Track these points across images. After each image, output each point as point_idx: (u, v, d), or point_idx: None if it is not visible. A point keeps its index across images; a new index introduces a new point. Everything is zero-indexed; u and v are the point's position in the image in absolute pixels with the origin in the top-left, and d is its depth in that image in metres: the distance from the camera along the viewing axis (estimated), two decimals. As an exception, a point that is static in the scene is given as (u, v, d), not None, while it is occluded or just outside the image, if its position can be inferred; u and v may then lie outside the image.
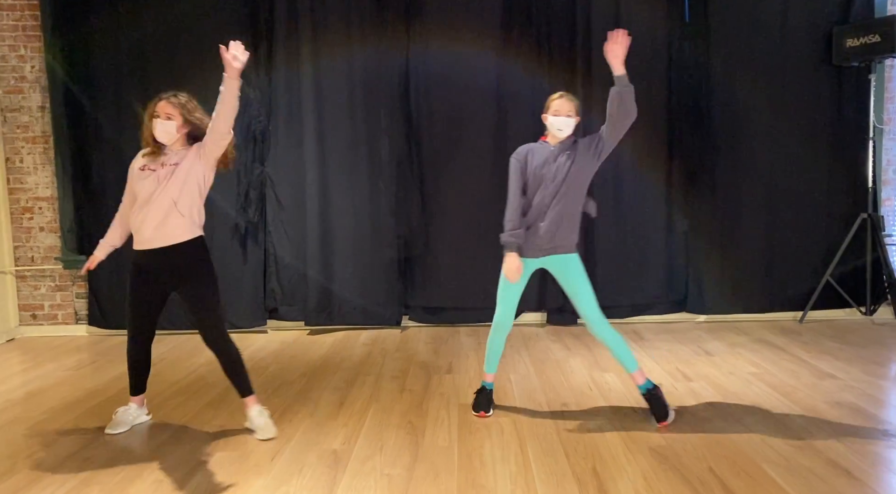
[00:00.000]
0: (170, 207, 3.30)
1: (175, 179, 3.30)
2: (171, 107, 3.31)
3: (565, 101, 3.45)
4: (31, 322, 5.86)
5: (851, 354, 4.63)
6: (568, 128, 3.44)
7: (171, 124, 3.31)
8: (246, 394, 3.49)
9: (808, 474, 2.84)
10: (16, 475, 3.03)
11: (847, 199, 5.59)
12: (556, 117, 3.43)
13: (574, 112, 3.45)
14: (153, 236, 3.33)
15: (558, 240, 3.48)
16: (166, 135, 3.32)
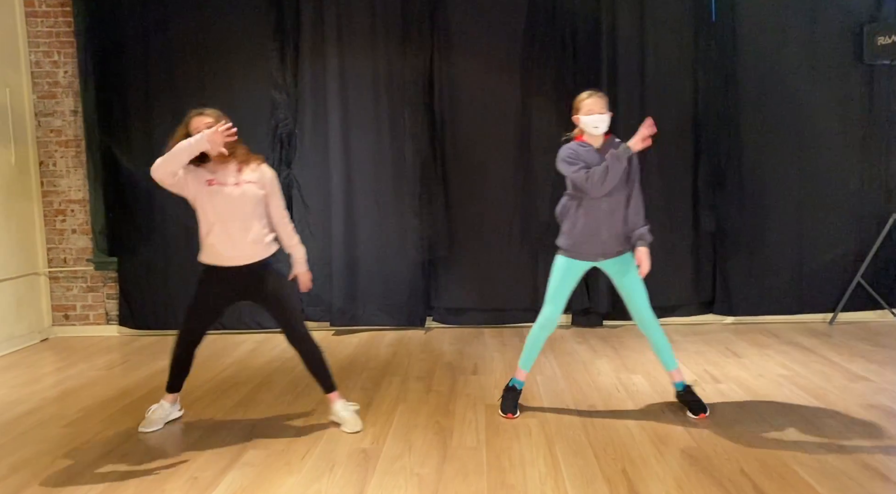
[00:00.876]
0: (251, 225, 3.38)
1: (254, 197, 3.38)
2: (210, 118, 3.34)
3: (597, 98, 3.44)
4: (64, 323, 5.97)
5: (884, 356, 4.57)
6: (604, 124, 3.44)
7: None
8: (329, 390, 3.56)
9: (841, 476, 2.81)
10: (55, 470, 3.09)
11: (878, 198, 5.52)
12: (590, 116, 3.42)
13: (606, 108, 3.44)
14: (243, 256, 3.39)
15: (619, 243, 3.50)
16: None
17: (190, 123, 3.35)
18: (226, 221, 3.36)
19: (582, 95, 3.50)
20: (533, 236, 5.65)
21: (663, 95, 5.56)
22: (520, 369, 3.72)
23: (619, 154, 3.38)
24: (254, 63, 5.65)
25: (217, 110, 3.44)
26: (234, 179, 3.39)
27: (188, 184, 3.35)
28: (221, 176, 3.38)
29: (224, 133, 3.23)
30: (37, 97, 5.84)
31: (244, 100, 5.68)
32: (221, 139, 3.23)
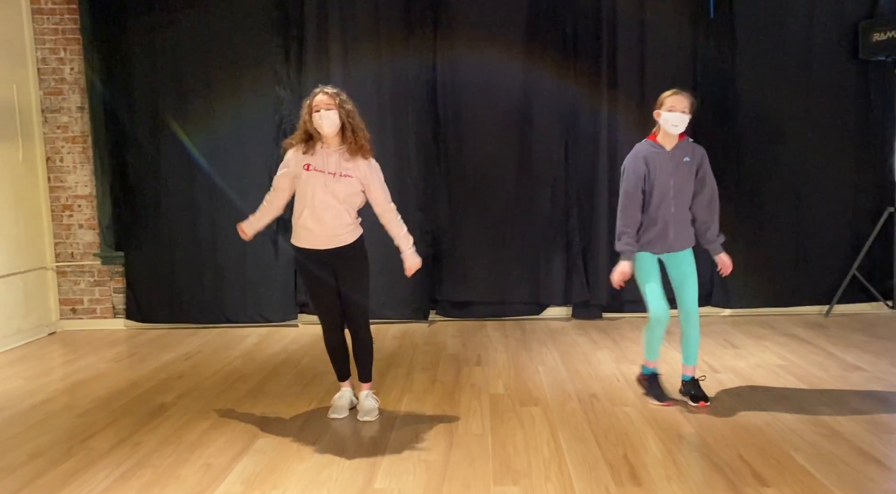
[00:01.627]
0: (345, 214, 3.49)
1: (351, 189, 3.47)
2: (329, 98, 3.39)
3: (681, 97, 3.44)
4: (71, 316, 6.04)
5: (879, 347, 4.67)
6: (683, 124, 3.46)
7: (333, 113, 3.37)
8: (365, 380, 3.69)
9: (837, 462, 2.90)
10: (72, 458, 3.18)
11: (873, 193, 5.61)
12: (671, 113, 3.43)
13: (689, 109, 3.45)
14: (328, 240, 3.49)
15: (683, 240, 3.62)
16: (332, 125, 3.39)
17: (312, 100, 3.41)
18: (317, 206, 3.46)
19: (666, 92, 3.49)
20: (534, 229, 5.73)
21: (662, 90, 5.60)
22: (647, 360, 3.83)
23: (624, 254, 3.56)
24: (258, 60, 5.71)
25: (335, 88, 3.47)
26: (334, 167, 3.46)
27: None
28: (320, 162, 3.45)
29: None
30: (43, 93, 5.90)
31: (249, 96, 5.75)
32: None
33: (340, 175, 3.45)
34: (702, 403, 3.61)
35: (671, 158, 3.51)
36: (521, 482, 2.81)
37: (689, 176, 3.55)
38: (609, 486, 2.75)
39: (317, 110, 3.37)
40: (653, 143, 3.56)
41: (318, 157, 3.45)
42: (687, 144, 3.57)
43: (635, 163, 3.54)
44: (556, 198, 5.71)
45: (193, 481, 2.90)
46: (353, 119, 3.43)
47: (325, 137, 3.43)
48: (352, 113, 3.43)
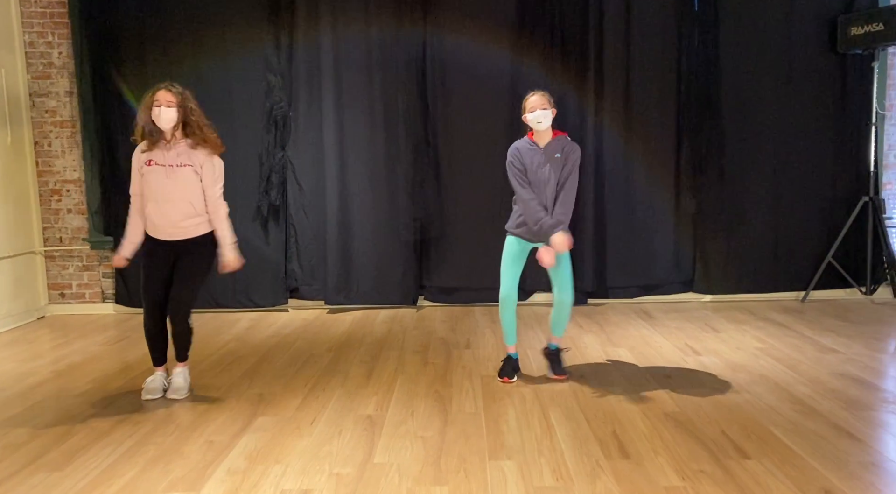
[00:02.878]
0: (187, 205, 3.58)
1: (188, 179, 3.58)
2: (171, 95, 3.52)
3: (539, 96, 3.71)
4: (60, 301, 6.06)
5: (853, 331, 4.85)
6: (546, 119, 3.69)
7: (172, 111, 3.51)
8: (180, 360, 3.82)
9: (814, 436, 3.06)
10: (74, 436, 3.24)
11: (849, 182, 5.80)
12: (532, 113, 3.69)
13: (549, 104, 3.70)
14: (172, 232, 3.61)
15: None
16: (168, 122, 3.53)
17: (155, 94, 3.52)
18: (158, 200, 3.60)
19: (528, 95, 3.75)
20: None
21: (648, 81, 5.76)
22: (507, 345, 4.02)
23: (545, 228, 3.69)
24: (249, 46, 5.74)
25: (181, 88, 3.59)
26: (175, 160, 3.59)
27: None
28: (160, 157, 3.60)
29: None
30: (31, 78, 5.88)
31: (239, 82, 5.78)
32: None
33: (179, 166, 3.57)
34: (562, 376, 3.90)
35: (543, 154, 3.74)
36: (514, 457, 2.93)
37: (559, 171, 3.74)
38: (599, 460, 2.88)
39: (157, 105, 3.50)
40: (529, 140, 3.80)
41: (158, 151, 3.59)
42: (560, 141, 3.75)
43: (511, 156, 3.79)
44: (543, 186, 5.81)
45: (197, 456, 2.98)
46: (194, 115, 3.57)
47: (164, 132, 3.56)
48: (193, 110, 3.57)
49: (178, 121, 3.56)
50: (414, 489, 2.66)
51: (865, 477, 2.66)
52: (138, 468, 2.89)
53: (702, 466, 2.79)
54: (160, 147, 3.60)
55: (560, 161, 3.72)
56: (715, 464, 2.80)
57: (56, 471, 2.87)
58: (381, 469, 2.83)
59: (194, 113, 3.59)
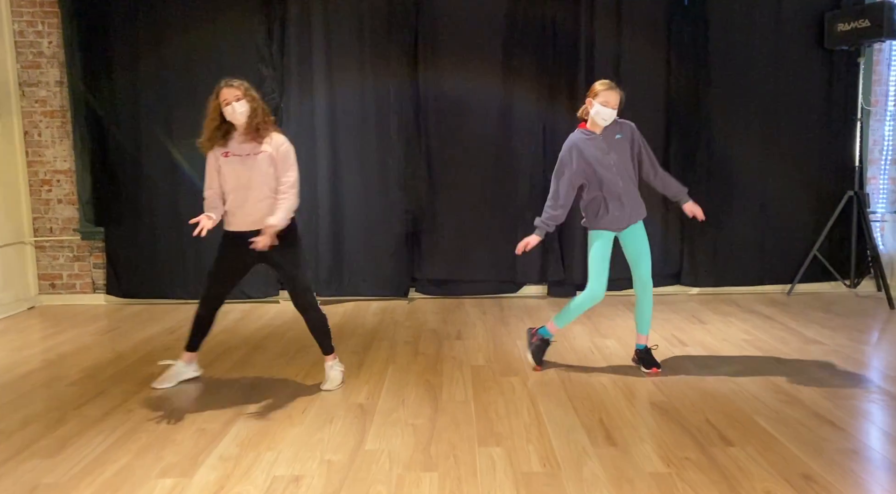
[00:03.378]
0: (265, 190, 3.58)
1: (264, 165, 3.57)
2: (235, 89, 3.52)
3: (615, 93, 3.63)
4: (50, 291, 6.05)
5: (836, 323, 4.93)
6: (611, 120, 3.68)
7: (243, 103, 3.51)
8: (326, 353, 3.80)
9: (796, 424, 3.12)
10: (67, 424, 3.26)
11: (835, 177, 5.87)
12: (605, 108, 3.63)
13: (619, 106, 3.66)
14: (252, 221, 3.58)
15: (637, 213, 3.86)
16: (243, 115, 3.51)
17: (220, 94, 3.52)
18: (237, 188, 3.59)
19: (603, 83, 3.66)
20: (512, 210, 5.88)
21: (638, 77, 5.80)
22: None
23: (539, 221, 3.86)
24: (240, 37, 5.74)
25: (244, 81, 3.58)
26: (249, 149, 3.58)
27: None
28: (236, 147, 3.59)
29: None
30: (21, 67, 5.86)
31: (230, 73, 5.60)
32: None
33: (255, 154, 3.57)
34: (654, 369, 3.87)
35: (604, 140, 3.73)
36: (503, 443, 2.98)
37: (626, 151, 3.77)
38: (586, 446, 2.93)
39: (227, 104, 3.50)
40: (584, 130, 3.78)
41: (233, 143, 3.58)
42: (614, 123, 3.75)
43: (567, 155, 3.78)
44: (534, 180, 5.86)
45: (189, 444, 3.02)
46: (259, 104, 3.57)
47: (239, 126, 3.56)
48: (257, 100, 3.59)
49: (250, 111, 3.53)
50: (404, 474, 2.71)
51: (845, 464, 2.72)
52: (131, 454, 2.92)
53: (686, 453, 2.85)
54: (235, 140, 3.58)
55: (622, 142, 3.72)
56: (699, 451, 2.86)
57: (48, 458, 2.89)
58: (372, 456, 2.87)
59: (257, 101, 3.58)
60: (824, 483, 2.57)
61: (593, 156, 3.73)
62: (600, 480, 2.63)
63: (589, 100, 3.69)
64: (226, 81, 3.56)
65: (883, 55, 5.87)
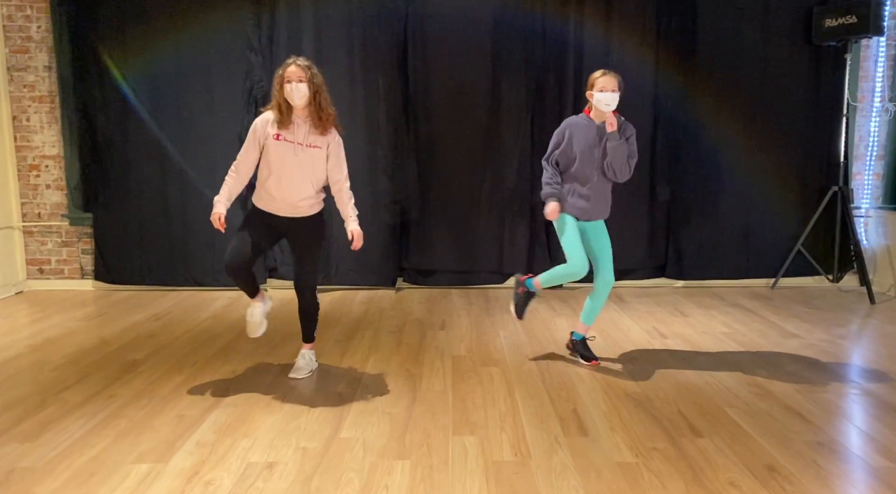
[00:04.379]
0: (308, 186, 3.57)
1: (316, 161, 3.56)
2: (301, 70, 3.45)
3: (610, 77, 3.65)
4: (38, 276, 6.08)
5: (816, 317, 4.98)
6: (614, 103, 3.67)
7: (304, 86, 3.44)
8: (306, 341, 3.85)
9: (765, 416, 3.17)
10: (47, 408, 3.30)
11: (820, 172, 5.91)
12: (603, 94, 3.64)
13: (618, 87, 3.66)
14: (287, 209, 3.58)
15: (601, 210, 3.87)
16: (301, 98, 3.45)
17: (286, 71, 3.46)
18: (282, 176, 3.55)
19: (596, 73, 3.69)
20: (500, 201, 5.91)
21: (626, 70, 5.77)
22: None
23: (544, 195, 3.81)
24: (229, 25, 5.74)
25: (313, 65, 3.52)
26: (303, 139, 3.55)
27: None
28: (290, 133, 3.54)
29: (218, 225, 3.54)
30: (9, 51, 5.85)
31: (219, 61, 5.78)
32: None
33: (308, 146, 3.55)
34: (594, 362, 3.92)
35: (598, 133, 3.75)
36: (477, 432, 3.02)
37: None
38: (558, 436, 2.98)
39: (288, 82, 3.45)
40: (585, 116, 3.81)
41: (289, 127, 3.53)
42: (617, 120, 3.76)
43: (559, 131, 3.83)
44: (522, 170, 5.89)
45: (167, 430, 3.06)
46: (321, 93, 3.51)
47: (296, 108, 3.52)
48: (321, 87, 3.51)
49: (309, 97, 3.47)
50: (377, 462, 2.75)
51: (809, 455, 2.77)
52: (109, 439, 2.96)
53: (655, 443, 2.89)
54: (291, 124, 3.52)
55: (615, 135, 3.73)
56: (668, 441, 2.91)
57: (27, 442, 2.93)
58: (347, 444, 2.92)
59: (321, 90, 3.51)
60: (787, 473, 2.62)
61: (581, 143, 3.75)
62: (568, 469, 2.68)
63: (588, 93, 3.72)
64: (296, 58, 3.51)
65: (870, 51, 5.89)
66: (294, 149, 3.54)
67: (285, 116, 3.51)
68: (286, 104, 3.50)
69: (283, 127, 3.53)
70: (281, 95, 3.48)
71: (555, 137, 3.85)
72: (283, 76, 3.47)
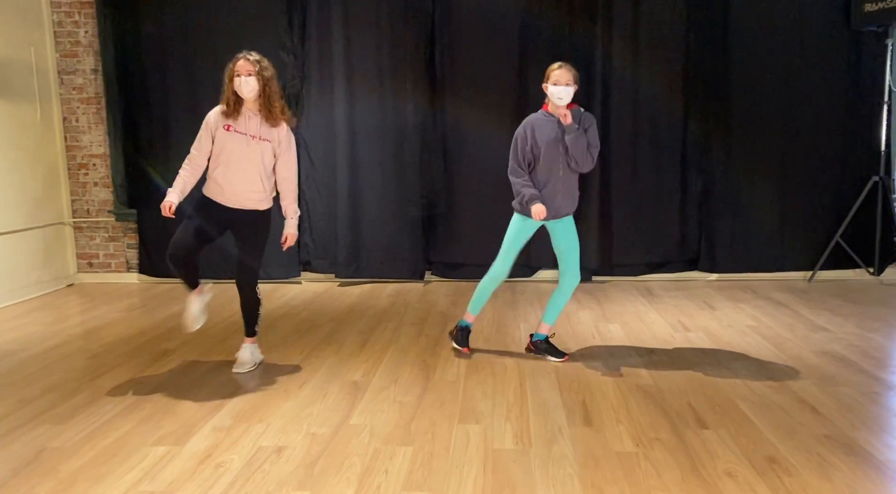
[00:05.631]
0: (257, 179, 3.67)
1: (265, 154, 3.67)
2: (249, 64, 3.56)
3: (565, 70, 3.67)
4: (88, 270, 6.39)
5: (850, 310, 4.85)
6: (568, 96, 3.69)
7: (252, 80, 3.54)
8: (249, 335, 3.94)
9: (777, 409, 3.13)
10: (80, 394, 3.50)
11: (860, 161, 5.72)
12: (556, 87, 3.67)
13: (573, 81, 3.68)
14: (235, 201, 3.70)
15: (568, 205, 3.84)
16: (250, 91, 3.56)
17: (236, 65, 3.57)
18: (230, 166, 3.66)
19: (553, 65, 3.72)
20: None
21: (655, 59, 5.75)
22: (469, 313, 4.10)
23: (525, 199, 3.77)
24: (263, 26, 5.90)
25: (263, 60, 3.62)
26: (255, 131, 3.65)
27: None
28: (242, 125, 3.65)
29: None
30: (59, 56, 6.16)
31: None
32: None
33: (260, 139, 3.64)
34: (566, 357, 3.90)
35: (558, 126, 3.73)
36: (482, 421, 3.08)
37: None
38: (562, 426, 3.01)
39: (237, 75, 3.55)
40: (545, 112, 3.80)
41: (240, 119, 3.63)
42: (576, 113, 3.76)
43: (521, 131, 3.81)
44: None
45: (188, 415, 3.21)
46: (270, 86, 3.58)
47: (246, 101, 3.61)
48: (270, 80, 3.58)
49: (259, 90, 3.56)
50: (381, 448, 2.84)
51: (814, 448, 2.73)
52: (133, 423, 3.13)
53: (658, 434, 2.90)
54: (241, 116, 3.63)
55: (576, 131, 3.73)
56: (671, 432, 2.91)
57: (59, 424, 3.13)
58: (355, 430, 3.01)
59: (270, 83, 3.60)
60: (787, 465, 2.60)
61: (544, 138, 3.75)
62: (567, 458, 2.71)
63: (544, 85, 3.73)
64: (246, 52, 3.60)
65: (914, 35, 5.66)
66: (246, 141, 3.63)
67: (232, 109, 3.61)
68: (235, 97, 3.59)
69: (234, 119, 3.62)
70: (231, 89, 3.58)
71: (517, 139, 3.82)
72: (234, 70, 3.57)
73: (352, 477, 2.59)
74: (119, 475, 2.64)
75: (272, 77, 3.62)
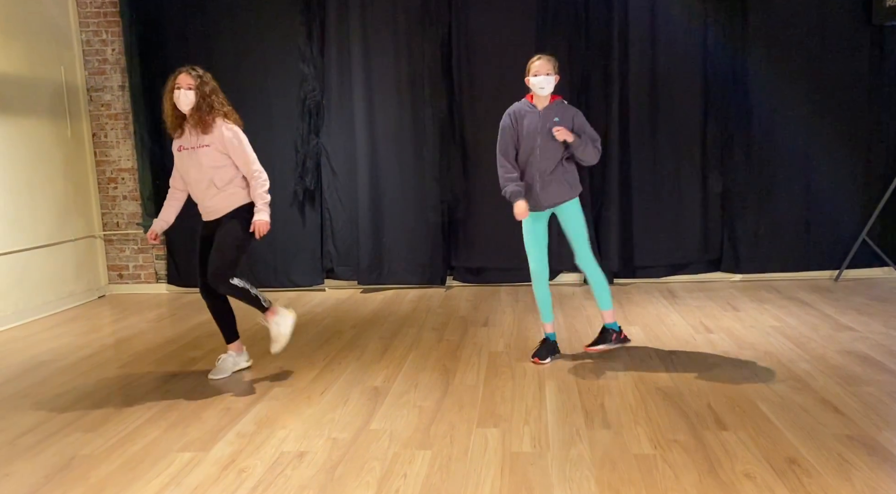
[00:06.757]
0: (208, 184, 3.75)
1: (209, 158, 3.70)
2: (190, 78, 3.66)
3: (544, 61, 3.75)
4: (118, 281, 6.55)
5: (876, 309, 4.78)
6: (549, 86, 3.75)
7: (190, 93, 3.63)
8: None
9: (798, 410, 3.11)
10: (110, 402, 3.60)
11: (885, 158, 5.64)
12: (536, 77, 3.73)
13: (553, 71, 3.74)
14: (210, 214, 3.84)
15: (552, 195, 3.85)
16: (186, 104, 3.64)
17: (177, 78, 3.67)
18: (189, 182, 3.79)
19: (533, 58, 3.79)
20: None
21: (673, 57, 5.73)
22: (544, 323, 4.10)
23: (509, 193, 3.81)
24: (283, 38, 6.02)
25: (205, 75, 3.72)
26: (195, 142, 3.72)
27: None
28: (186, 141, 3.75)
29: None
30: (88, 74, 6.34)
31: (275, 73, 6.07)
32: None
33: (199, 147, 3.70)
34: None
35: (541, 118, 3.77)
36: (501, 425, 3.11)
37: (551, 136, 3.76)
38: (580, 429, 3.02)
39: (178, 88, 3.64)
40: (527, 102, 3.85)
41: (184, 136, 3.74)
42: (558, 105, 3.80)
43: (507, 120, 3.86)
44: (568, 167, 5.89)
45: (213, 421, 3.29)
46: (208, 99, 3.64)
47: (187, 114, 3.68)
48: (208, 95, 3.65)
49: (195, 103, 3.64)
50: (400, 452, 2.88)
51: (836, 449, 2.71)
52: (160, 430, 3.21)
53: (677, 436, 2.90)
54: (185, 132, 3.74)
55: (560, 125, 3.76)
56: (690, 434, 2.91)
57: (89, 432, 3.22)
58: (375, 435, 3.06)
59: (210, 96, 3.66)
60: (807, 466, 2.58)
61: (526, 128, 3.79)
62: (584, 461, 2.73)
63: (527, 79, 3.78)
64: (189, 67, 3.69)
65: (938, 28, 5.57)
66: (189, 154, 3.73)
67: (172, 121, 3.70)
68: (175, 111, 3.68)
69: (177, 136, 3.73)
70: (169, 100, 3.67)
71: (505, 129, 3.87)
72: (175, 83, 3.66)
73: (371, 481, 2.64)
74: (146, 480, 2.72)
75: (212, 92, 3.69)
